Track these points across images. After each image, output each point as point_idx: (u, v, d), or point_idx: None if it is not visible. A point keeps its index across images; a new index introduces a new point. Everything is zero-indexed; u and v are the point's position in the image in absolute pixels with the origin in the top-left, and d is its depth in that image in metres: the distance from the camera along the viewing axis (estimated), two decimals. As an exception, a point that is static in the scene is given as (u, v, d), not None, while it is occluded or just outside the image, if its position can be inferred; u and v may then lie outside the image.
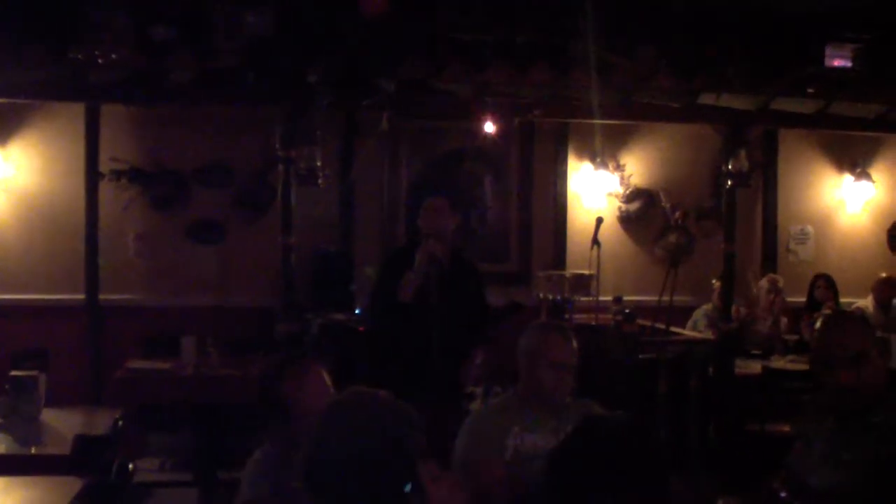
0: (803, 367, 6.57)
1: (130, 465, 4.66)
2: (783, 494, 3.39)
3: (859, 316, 3.31)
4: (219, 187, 8.27)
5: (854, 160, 9.50)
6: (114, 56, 5.86)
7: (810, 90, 7.05)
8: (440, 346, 5.34)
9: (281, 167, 6.75)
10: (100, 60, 5.83)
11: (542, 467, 2.11)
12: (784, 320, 8.39)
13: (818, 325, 3.47)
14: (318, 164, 7.04)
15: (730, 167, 7.58)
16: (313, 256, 8.10)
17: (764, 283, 8.41)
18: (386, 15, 5.80)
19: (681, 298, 7.46)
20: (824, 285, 8.64)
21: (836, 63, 6.72)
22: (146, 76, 6.30)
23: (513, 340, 4.08)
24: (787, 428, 6.24)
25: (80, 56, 5.84)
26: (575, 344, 3.94)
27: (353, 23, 5.91)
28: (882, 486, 2.92)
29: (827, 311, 3.40)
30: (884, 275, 8.85)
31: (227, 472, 5.91)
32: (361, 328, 7.19)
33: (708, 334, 7.99)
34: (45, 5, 5.83)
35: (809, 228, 9.53)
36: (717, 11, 6.48)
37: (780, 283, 8.49)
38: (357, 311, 7.55)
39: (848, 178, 9.54)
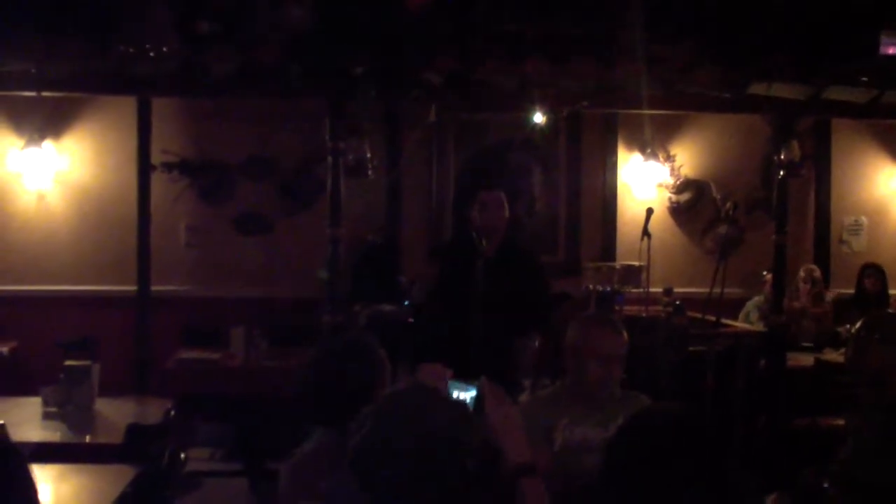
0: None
1: (182, 455, 4.71)
2: (826, 486, 3.35)
3: (880, 336, 3.23)
4: (263, 179, 8.34)
5: (908, 150, 9.35)
6: (164, 49, 5.90)
7: (863, 79, 6.92)
8: (485, 338, 5.32)
9: (329, 159, 6.75)
10: (151, 54, 5.87)
11: (597, 459, 2.09)
12: (830, 311, 8.30)
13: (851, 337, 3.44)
14: (368, 155, 7.05)
15: (781, 157, 7.47)
16: (360, 248, 8.12)
17: (801, 273, 8.33)
18: (428, 7, 5.78)
19: (731, 290, 7.39)
20: (874, 275, 8.52)
21: (891, 51, 6.60)
22: (190, 69, 6.33)
23: (560, 332, 4.06)
24: (838, 422, 6.16)
25: (130, 49, 5.89)
26: (624, 335, 3.91)
27: (396, 14, 5.90)
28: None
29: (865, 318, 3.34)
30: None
31: (276, 462, 5.95)
32: (410, 319, 7.20)
33: (760, 327, 7.92)
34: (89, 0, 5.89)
35: (863, 219, 9.39)
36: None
37: (817, 274, 8.39)
38: (406, 303, 7.55)
39: (902, 168, 9.39)
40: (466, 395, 2.63)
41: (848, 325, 7.75)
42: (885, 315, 5.12)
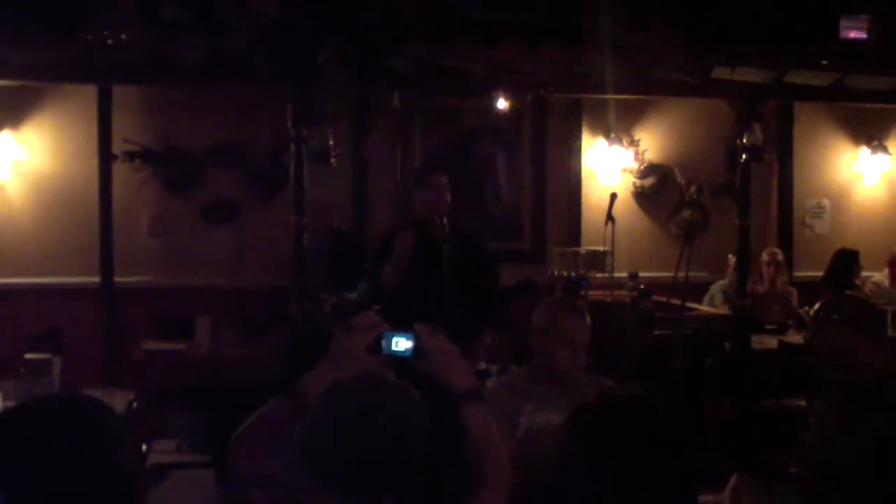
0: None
1: (143, 447, 4.67)
2: (803, 466, 3.38)
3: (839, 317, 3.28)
4: (231, 167, 8.27)
5: (870, 133, 9.44)
6: (123, 37, 5.84)
7: (825, 63, 6.97)
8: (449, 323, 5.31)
9: (293, 146, 6.72)
10: (109, 41, 5.80)
11: (553, 441, 2.09)
12: (795, 294, 8.37)
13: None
14: (331, 143, 7.02)
15: (744, 141, 7.51)
16: (326, 236, 8.09)
17: (764, 256, 8.39)
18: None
19: (696, 274, 7.43)
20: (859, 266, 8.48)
21: (852, 35, 6.65)
22: (156, 57, 6.28)
23: (527, 318, 4.07)
24: (803, 403, 6.23)
25: (89, 37, 5.82)
26: (588, 320, 3.95)
27: (364, 1, 5.88)
28: (892, 463, 2.90)
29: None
30: (900, 248, 8.81)
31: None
32: (376, 307, 7.18)
33: (724, 310, 7.97)
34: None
35: (825, 202, 9.48)
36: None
37: (780, 257, 8.45)
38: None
39: (864, 151, 9.48)
40: (404, 340, 2.67)
41: (806, 308, 7.84)
42: (843, 296, 5.18)
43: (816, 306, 3.45)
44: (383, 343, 2.69)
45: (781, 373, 6.96)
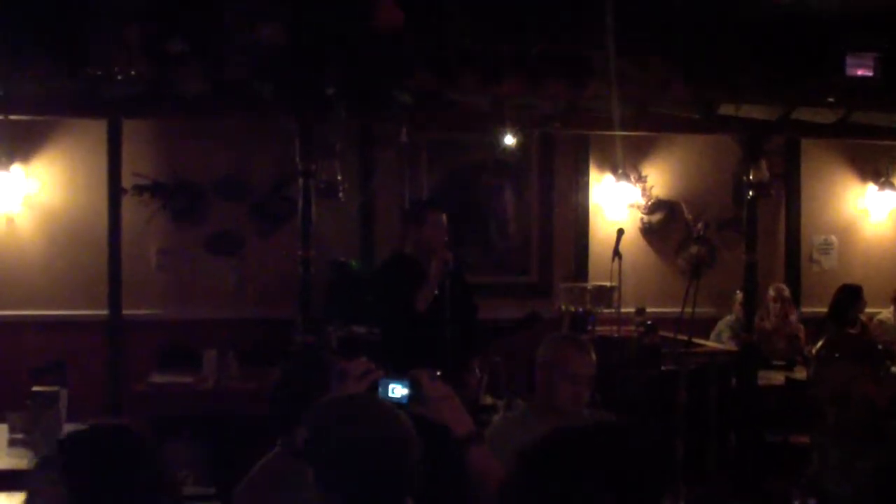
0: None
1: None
2: (793, 499, 3.38)
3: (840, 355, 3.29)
4: (236, 200, 8.31)
5: (877, 169, 9.44)
6: (132, 72, 5.88)
7: (831, 99, 6.99)
8: (451, 355, 5.36)
9: (301, 180, 6.75)
10: (119, 77, 5.85)
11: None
12: (802, 329, 8.35)
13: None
14: (339, 177, 7.05)
15: (750, 177, 7.53)
16: (332, 269, 8.11)
17: (771, 292, 8.37)
18: (400, 26, 5.80)
19: (703, 310, 7.42)
20: (862, 301, 8.48)
21: (859, 73, 6.67)
22: (160, 90, 6.32)
23: (532, 351, 4.07)
24: (807, 439, 6.20)
25: (99, 72, 5.87)
26: (593, 356, 3.94)
27: (369, 34, 5.92)
28: (893, 499, 2.89)
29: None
30: (903, 284, 8.81)
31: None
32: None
33: (731, 346, 7.96)
34: (56, 20, 5.85)
35: (833, 238, 9.47)
36: (733, 21, 6.45)
37: (786, 293, 8.44)
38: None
39: (871, 187, 9.48)
40: (400, 387, 2.68)
41: (809, 346, 7.82)
42: (844, 335, 5.18)
43: (819, 344, 3.44)
44: (379, 390, 2.71)
45: (787, 408, 6.93)
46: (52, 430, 5.24)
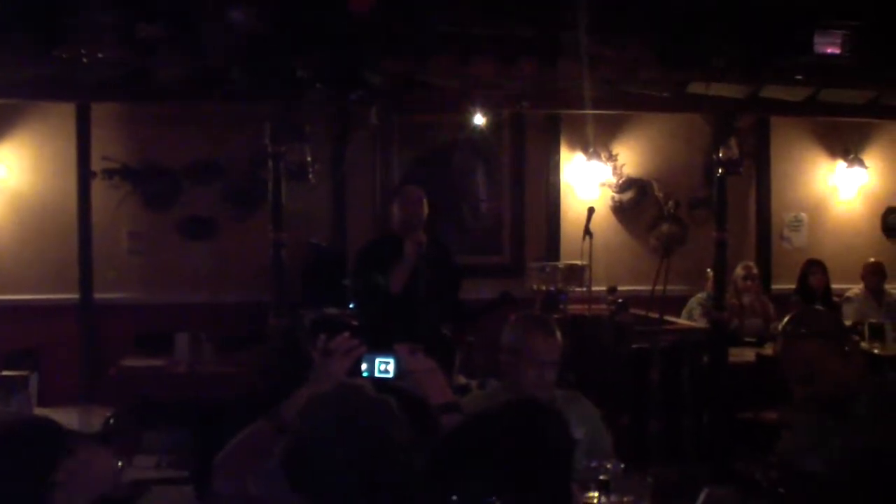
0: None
1: (119, 463, 4.66)
2: (774, 477, 3.40)
3: (806, 330, 3.30)
4: (209, 184, 8.29)
5: (846, 147, 9.50)
6: (100, 55, 5.84)
7: (799, 77, 7.03)
8: (427, 335, 5.38)
9: (271, 163, 6.74)
10: (85, 59, 5.80)
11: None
12: (771, 306, 8.42)
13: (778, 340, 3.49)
14: (308, 159, 7.04)
15: (720, 155, 7.57)
16: (305, 251, 8.11)
17: (739, 270, 8.41)
18: (372, 8, 5.79)
19: (675, 288, 7.47)
20: (818, 272, 8.66)
21: (827, 50, 6.71)
22: (134, 74, 6.29)
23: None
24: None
25: (65, 55, 5.82)
26: (559, 337, 3.88)
27: (341, 17, 5.90)
28: (863, 475, 2.92)
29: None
30: (871, 260, 8.89)
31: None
32: (355, 322, 7.19)
33: (703, 323, 8.01)
34: (31, 3, 5.80)
35: (803, 216, 9.53)
36: (703, 1, 6.47)
37: (755, 271, 8.50)
38: (351, 306, 7.55)
39: (841, 164, 9.53)
40: (384, 361, 2.70)
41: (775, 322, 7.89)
42: (810, 310, 5.22)
43: (785, 320, 3.46)
44: (364, 365, 2.72)
45: (758, 385, 6.98)
46: (23, 416, 5.23)
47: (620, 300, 7.61)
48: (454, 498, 1.72)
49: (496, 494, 1.71)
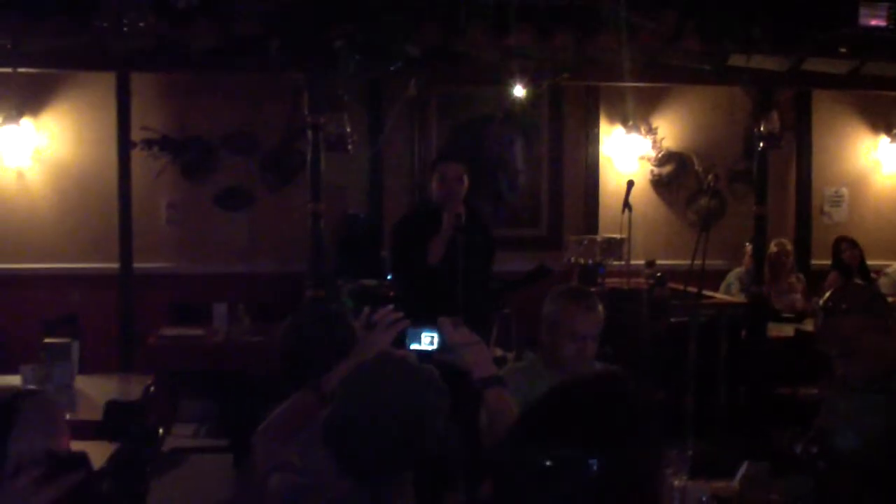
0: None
1: (160, 430, 4.72)
2: (813, 452, 3.38)
3: (847, 306, 3.26)
4: (246, 154, 8.32)
5: (889, 121, 9.36)
6: (141, 24, 5.86)
7: (843, 50, 6.92)
8: (466, 308, 5.35)
9: (309, 133, 6.73)
10: (125, 28, 5.82)
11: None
12: (803, 283, 8.34)
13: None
14: (347, 129, 7.02)
15: (761, 129, 7.48)
16: (342, 223, 8.13)
17: (772, 247, 8.30)
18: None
19: (713, 262, 7.38)
20: (849, 248, 8.55)
21: (873, 23, 6.60)
22: (170, 44, 6.29)
23: (541, 304, 4.04)
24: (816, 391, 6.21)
25: (105, 24, 5.84)
26: (600, 311, 3.84)
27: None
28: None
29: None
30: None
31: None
32: (392, 293, 7.21)
33: (741, 298, 7.95)
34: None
35: (844, 190, 9.42)
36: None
37: (789, 247, 8.40)
38: (388, 277, 7.57)
39: (884, 139, 9.41)
40: (428, 335, 2.71)
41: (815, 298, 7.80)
42: (852, 285, 5.16)
43: (826, 295, 3.42)
44: (407, 339, 2.73)
45: (797, 361, 6.93)
46: (64, 382, 5.29)
47: (658, 274, 7.57)
48: (547, 463, 1.72)
49: (594, 457, 1.70)
